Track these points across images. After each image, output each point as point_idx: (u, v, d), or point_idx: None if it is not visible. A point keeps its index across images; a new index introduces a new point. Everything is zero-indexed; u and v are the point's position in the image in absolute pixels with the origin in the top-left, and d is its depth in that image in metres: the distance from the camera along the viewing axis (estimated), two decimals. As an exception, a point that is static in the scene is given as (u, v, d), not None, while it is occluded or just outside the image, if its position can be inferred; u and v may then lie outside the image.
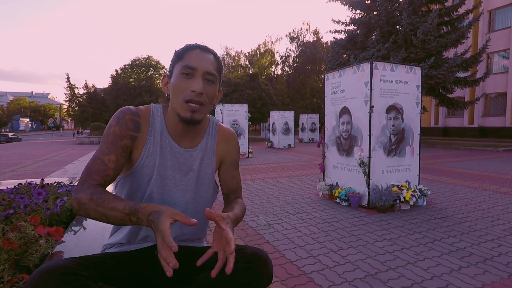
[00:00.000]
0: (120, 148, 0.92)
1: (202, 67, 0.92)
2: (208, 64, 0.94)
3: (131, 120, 0.95)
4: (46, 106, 70.59)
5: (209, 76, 0.93)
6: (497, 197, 4.45)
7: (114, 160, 0.91)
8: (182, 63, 0.92)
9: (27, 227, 1.29)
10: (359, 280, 2.07)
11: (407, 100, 4.09)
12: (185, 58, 0.93)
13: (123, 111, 0.96)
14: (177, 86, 0.92)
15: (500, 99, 20.00)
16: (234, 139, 1.15)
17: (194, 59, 0.92)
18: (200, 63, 0.92)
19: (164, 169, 0.98)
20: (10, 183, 2.21)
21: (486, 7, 20.25)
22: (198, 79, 0.92)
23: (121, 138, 0.93)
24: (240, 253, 0.91)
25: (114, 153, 0.91)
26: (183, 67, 0.91)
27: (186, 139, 1.02)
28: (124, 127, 0.93)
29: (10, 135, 28.03)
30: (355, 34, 16.14)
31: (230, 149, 1.13)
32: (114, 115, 0.96)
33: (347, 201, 4.00)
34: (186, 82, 0.92)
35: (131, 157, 0.97)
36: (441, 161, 8.91)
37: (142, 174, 0.97)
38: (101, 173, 0.89)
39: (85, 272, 0.78)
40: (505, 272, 2.15)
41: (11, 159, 11.30)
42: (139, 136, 0.96)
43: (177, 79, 0.92)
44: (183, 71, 0.91)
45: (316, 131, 19.64)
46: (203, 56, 0.94)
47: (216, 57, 0.98)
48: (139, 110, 0.99)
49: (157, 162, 0.97)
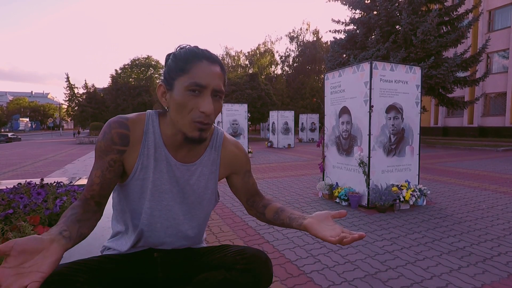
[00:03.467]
0: (106, 163, 0.89)
1: (212, 84, 0.84)
2: (217, 79, 0.86)
3: (117, 134, 0.89)
4: (46, 106, 70.53)
5: (218, 93, 0.87)
6: (496, 196, 4.45)
7: (99, 175, 0.89)
8: (189, 79, 0.83)
9: (26, 227, 1.29)
10: (358, 280, 2.07)
11: (407, 99, 4.09)
12: (192, 72, 0.83)
13: (111, 124, 0.90)
14: (183, 104, 0.83)
15: (499, 99, 20.00)
16: (240, 151, 1.09)
17: (203, 75, 0.83)
18: (210, 79, 0.84)
19: (160, 184, 0.94)
20: (9, 183, 2.21)
21: (486, 7, 20.25)
22: (208, 98, 0.84)
23: (106, 153, 0.89)
24: (240, 254, 0.91)
25: (100, 168, 0.89)
26: (191, 84, 0.82)
27: (183, 150, 0.96)
28: (109, 142, 0.89)
29: (9, 135, 27.96)
30: (354, 34, 16.12)
31: (239, 161, 1.08)
32: (103, 127, 0.91)
33: (346, 200, 4.00)
34: (194, 101, 0.83)
35: (126, 169, 0.94)
36: (440, 161, 8.91)
37: (136, 187, 0.94)
38: (88, 188, 0.90)
39: (81, 278, 0.77)
40: (505, 272, 2.15)
41: (11, 159, 11.29)
42: (128, 150, 0.91)
43: (182, 95, 0.83)
44: (190, 87, 0.83)
45: (315, 131, 19.64)
46: (211, 70, 0.85)
47: (222, 68, 0.90)
48: (130, 122, 0.91)
49: (151, 176, 0.93)
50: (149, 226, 0.96)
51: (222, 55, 45.35)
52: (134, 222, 0.97)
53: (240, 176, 1.09)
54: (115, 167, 0.91)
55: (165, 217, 0.97)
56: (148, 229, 0.96)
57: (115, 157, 0.90)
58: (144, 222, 0.95)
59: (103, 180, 0.89)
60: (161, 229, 0.97)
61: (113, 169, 0.90)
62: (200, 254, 1.02)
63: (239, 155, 1.08)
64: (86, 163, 9.28)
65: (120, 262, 0.94)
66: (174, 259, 1.01)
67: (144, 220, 0.95)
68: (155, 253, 1.00)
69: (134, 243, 0.98)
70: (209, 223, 3.22)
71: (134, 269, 0.96)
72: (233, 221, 3.41)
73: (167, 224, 0.97)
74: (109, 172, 0.90)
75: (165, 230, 0.98)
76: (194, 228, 1.02)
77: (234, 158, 1.07)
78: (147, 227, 0.96)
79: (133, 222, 0.97)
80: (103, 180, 0.89)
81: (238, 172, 1.09)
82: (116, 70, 35.55)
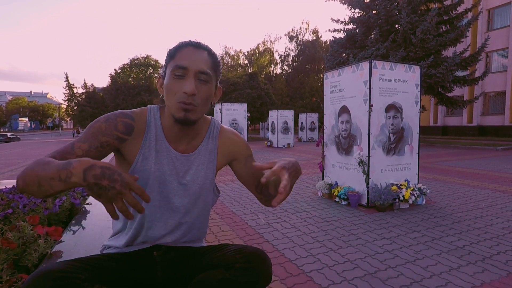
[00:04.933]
0: (98, 142, 0.88)
1: (194, 66, 0.88)
2: (200, 62, 0.89)
3: (122, 122, 0.91)
4: (45, 106, 70.50)
5: (202, 75, 0.89)
6: (496, 195, 4.46)
7: (85, 149, 0.86)
8: (174, 63, 0.88)
9: (25, 227, 1.29)
10: (358, 279, 2.07)
11: (406, 99, 4.09)
12: (177, 57, 0.88)
13: (116, 113, 0.92)
14: (169, 88, 0.88)
15: (499, 98, 20.02)
16: (238, 137, 1.10)
17: (186, 58, 0.88)
18: (192, 62, 0.88)
19: (161, 175, 0.96)
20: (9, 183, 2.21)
21: (485, 6, 20.25)
22: (190, 79, 0.87)
23: (103, 134, 0.88)
24: (239, 253, 0.91)
25: (89, 143, 0.87)
26: (175, 67, 0.87)
27: (184, 142, 0.99)
28: (112, 127, 0.90)
29: (9, 135, 27.97)
30: (354, 33, 16.13)
31: (238, 147, 1.08)
32: (107, 114, 0.92)
33: (346, 200, 4.00)
34: (178, 83, 0.87)
35: (126, 159, 0.95)
36: (440, 160, 8.93)
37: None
38: (63, 154, 0.83)
39: (81, 275, 0.77)
40: (504, 271, 2.16)
41: (10, 158, 11.28)
42: (129, 139, 0.93)
43: (169, 80, 0.89)
44: (174, 72, 0.87)
45: (315, 130, 19.66)
46: (195, 54, 0.89)
47: (211, 54, 0.93)
48: (134, 114, 0.96)
49: (152, 167, 0.95)
50: (149, 216, 0.97)
51: (221, 55, 45.39)
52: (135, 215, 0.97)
53: (241, 162, 1.08)
54: (104, 150, 0.90)
55: (166, 208, 0.98)
56: (148, 220, 0.97)
57: (111, 141, 0.90)
58: (145, 214, 0.95)
59: (85, 155, 0.86)
60: (161, 220, 0.98)
61: (102, 150, 0.89)
62: (200, 253, 1.02)
63: (237, 141, 1.09)
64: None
65: (119, 260, 0.95)
66: (173, 258, 1.01)
67: (145, 211, 0.95)
68: (155, 252, 1.00)
69: (134, 236, 0.98)
70: (209, 223, 3.22)
71: (134, 268, 0.96)
72: (232, 221, 3.41)
73: (167, 216, 0.98)
74: (96, 151, 0.88)
75: (165, 221, 0.98)
76: (195, 221, 1.03)
77: (232, 145, 1.07)
78: (147, 218, 0.97)
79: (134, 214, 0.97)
80: (85, 155, 0.86)
81: (239, 158, 1.08)
82: (115, 70, 35.50)
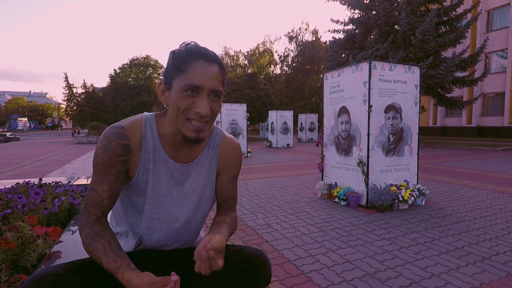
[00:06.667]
0: (112, 175, 0.88)
1: (208, 85, 0.82)
2: (213, 80, 0.83)
3: (119, 145, 0.88)
4: (44, 106, 70.34)
5: (215, 93, 0.85)
6: (495, 196, 4.46)
7: (108, 189, 0.87)
8: (185, 80, 0.81)
9: (24, 227, 1.29)
10: (357, 280, 2.07)
11: (406, 99, 4.10)
12: (188, 73, 0.81)
13: (109, 136, 0.88)
14: (179, 104, 0.82)
15: (498, 99, 20.05)
16: (236, 153, 1.06)
17: (199, 76, 0.81)
18: (206, 80, 0.82)
19: (159, 186, 0.94)
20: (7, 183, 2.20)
21: (484, 7, 20.29)
22: (204, 99, 0.83)
23: (111, 165, 0.87)
24: (239, 253, 0.90)
25: (107, 181, 0.87)
26: (187, 85, 0.81)
27: (183, 151, 0.96)
28: (113, 155, 0.87)
29: (8, 135, 27.88)
30: (353, 33, 16.14)
31: (230, 162, 1.05)
32: (100, 140, 0.88)
33: (345, 200, 4.00)
34: (189, 101, 0.82)
35: (129, 174, 0.94)
36: (439, 161, 8.93)
37: (138, 189, 0.94)
38: (96, 205, 0.87)
39: (78, 278, 0.77)
40: (503, 271, 2.16)
41: (9, 158, 11.26)
42: (131, 158, 0.91)
43: (178, 95, 0.82)
44: (186, 88, 0.81)
45: (314, 131, 19.66)
46: (208, 71, 0.83)
47: (221, 67, 0.87)
48: (127, 130, 0.90)
49: (150, 179, 0.93)
50: (148, 229, 0.96)
51: (221, 55, 45.36)
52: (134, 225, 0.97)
53: (223, 177, 1.05)
54: (121, 177, 0.90)
55: (164, 220, 0.97)
56: (147, 233, 0.96)
57: (120, 167, 0.89)
58: (144, 225, 0.95)
59: (112, 192, 0.88)
60: (160, 233, 0.97)
61: (120, 179, 0.90)
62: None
63: (233, 157, 1.06)
64: (85, 162, 9.26)
65: None
66: (172, 259, 1.01)
67: (144, 223, 0.95)
68: (154, 253, 1.00)
69: (134, 247, 0.98)
70: (208, 223, 3.22)
71: None
72: (232, 221, 3.40)
73: (167, 228, 0.98)
74: (116, 183, 0.89)
75: (165, 233, 0.98)
76: (193, 229, 1.02)
77: (227, 158, 1.05)
78: (146, 231, 0.96)
79: (133, 224, 0.97)
80: (111, 193, 0.88)
81: (224, 173, 1.05)
82: (115, 70, 35.49)
